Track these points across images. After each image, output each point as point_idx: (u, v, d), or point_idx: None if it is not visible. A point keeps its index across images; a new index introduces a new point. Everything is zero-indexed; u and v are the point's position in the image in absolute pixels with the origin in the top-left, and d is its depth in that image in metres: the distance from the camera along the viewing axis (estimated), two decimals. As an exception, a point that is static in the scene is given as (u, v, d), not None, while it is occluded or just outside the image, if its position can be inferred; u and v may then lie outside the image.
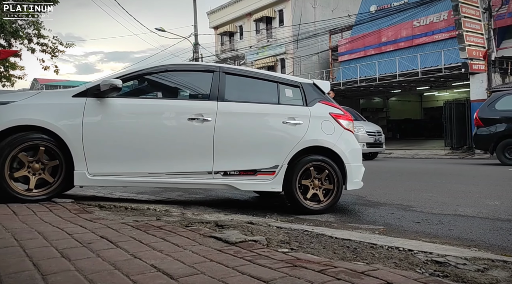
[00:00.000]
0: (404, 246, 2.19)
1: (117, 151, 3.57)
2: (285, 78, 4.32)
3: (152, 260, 1.73)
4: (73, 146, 3.39)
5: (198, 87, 4.09)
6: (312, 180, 3.95)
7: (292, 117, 3.97)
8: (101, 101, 3.53)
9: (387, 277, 1.49)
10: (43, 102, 3.47)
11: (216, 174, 3.72)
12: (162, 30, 22.62)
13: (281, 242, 2.25)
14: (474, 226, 3.33)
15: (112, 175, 3.56)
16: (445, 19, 21.60)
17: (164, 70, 3.92)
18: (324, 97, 4.28)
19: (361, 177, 4.23)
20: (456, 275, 1.64)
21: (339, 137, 4.05)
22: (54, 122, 3.35)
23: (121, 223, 2.57)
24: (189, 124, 3.68)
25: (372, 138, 12.87)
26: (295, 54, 29.02)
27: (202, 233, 2.32)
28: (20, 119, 3.31)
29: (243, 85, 4.11)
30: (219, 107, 3.77)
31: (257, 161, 3.83)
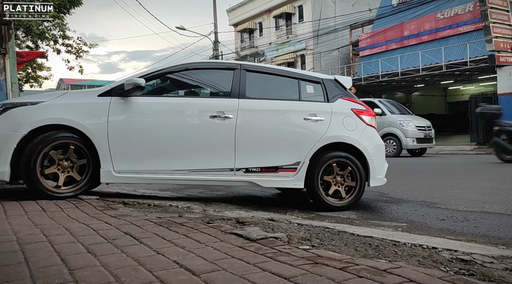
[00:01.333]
0: (428, 244, 2.15)
1: (141, 148, 3.64)
2: (306, 74, 4.31)
3: (174, 256, 1.75)
4: (99, 143, 3.48)
5: (219, 85, 4.12)
6: (335, 177, 3.93)
7: (314, 114, 3.95)
8: (125, 100, 3.61)
9: (410, 275, 1.47)
10: (71, 102, 3.58)
11: (238, 171, 3.75)
12: (182, 28, 22.82)
13: (302, 239, 2.24)
14: (501, 223, 3.24)
15: (137, 172, 3.63)
16: (470, 11, 20.97)
17: (186, 69, 3.96)
18: (346, 93, 4.25)
19: (385, 173, 4.19)
20: (482, 273, 1.60)
21: (361, 133, 4.01)
22: (81, 121, 3.46)
23: (144, 220, 2.62)
24: (211, 122, 3.72)
25: (422, 133, 12.30)
26: (315, 50, 28.78)
27: (223, 230, 2.34)
28: (50, 118, 3.43)
29: (264, 82, 4.13)
30: (240, 105, 3.79)
31: (279, 157, 3.83)
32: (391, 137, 12.19)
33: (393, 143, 12.23)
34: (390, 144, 12.21)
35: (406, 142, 11.98)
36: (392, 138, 12.19)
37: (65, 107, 3.51)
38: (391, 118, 12.31)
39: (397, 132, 12.07)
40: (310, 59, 29.71)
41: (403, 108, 13.72)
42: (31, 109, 3.47)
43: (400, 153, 12.23)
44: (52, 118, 3.44)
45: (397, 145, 12.11)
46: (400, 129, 12.06)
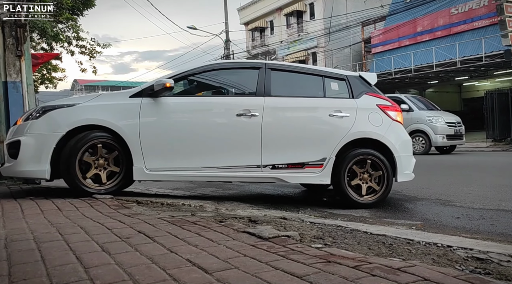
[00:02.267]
0: (443, 242, 2.12)
1: (171, 146, 3.77)
2: (330, 71, 4.35)
3: (187, 254, 1.77)
4: (131, 142, 3.63)
5: (245, 84, 4.19)
6: (361, 173, 3.95)
7: (339, 110, 3.99)
8: (155, 101, 3.75)
9: (424, 273, 1.45)
10: (104, 103, 3.76)
11: (264, 167, 3.83)
12: (193, 28, 22.92)
13: (315, 238, 2.24)
14: (518, 222, 3.17)
15: (167, 170, 3.75)
16: (485, 5, 20.55)
17: (212, 69, 4.08)
18: (371, 89, 4.28)
19: (412, 168, 4.20)
20: (499, 272, 1.58)
21: (387, 129, 4.03)
22: (114, 122, 3.62)
23: (157, 218, 2.65)
24: (237, 120, 3.81)
25: (452, 129, 11.73)
26: (327, 47, 28.60)
27: (235, 228, 2.35)
28: (85, 119, 3.61)
29: (288, 80, 4.19)
30: (266, 103, 3.87)
31: (305, 154, 3.88)
32: (419, 134, 11.62)
33: (421, 140, 11.66)
34: (418, 141, 11.65)
35: (436, 139, 11.43)
36: (420, 135, 11.62)
37: (99, 109, 3.69)
38: (419, 115, 11.73)
39: (426, 129, 11.48)
40: (322, 57, 29.53)
41: (430, 104, 13.07)
42: (68, 111, 3.66)
43: (429, 151, 11.69)
44: (87, 119, 3.61)
45: (425, 142, 11.54)
46: (429, 125, 11.49)
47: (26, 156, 3.55)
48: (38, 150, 3.54)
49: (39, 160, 3.52)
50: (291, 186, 5.54)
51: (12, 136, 3.76)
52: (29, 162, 3.54)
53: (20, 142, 3.57)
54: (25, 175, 3.73)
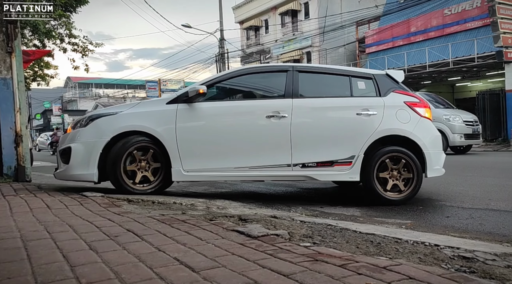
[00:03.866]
0: (430, 241, 2.13)
1: (206, 149, 3.98)
2: (357, 71, 4.45)
3: (175, 253, 1.77)
4: (169, 146, 3.87)
5: (273, 86, 4.32)
6: (390, 170, 4.01)
7: (366, 109, 4.06)
8: (190, 106, 3.97)
9: (410, 272, 1.46)
10: (144, 110, 4.03)
11: (295, 166, 3.96)
12: (188, 26, 22.85)
13: (304, 236, 2.24)
14: (506, 221, 3.21)
15: (203, 171, 3.96)
16: (478, 6, 20.70)
17: (242, 74, 4.28)
18: (398, 86, 4.33)
19: (442, 163, 4.24)
20: (483, 271, 1.59)
21: (415, 125, 4.07)
22: (153, 127, 3.88)
23: (147, 217, 2.64)
24: (268, 121, 3.98)
25: (470, 128, 11.21)
26: (321, 46, 28.65)
27: (225, 227, 2.35)
28: (127, 126, 3.90)
29: (316, 81, 4.32)
30: (294, 104, 4.01)
31: (333, 152, 3.99)
32: None
33: None
34: None
35: (454, 138, 10.90)
36: None
37: (139, 116, 3.97)
38: (435, 113, 11.03)
39: (443, 128, 10.75)
40: (316, 56, 29.58)
41: (445, 101, 12.51)
42: (112, 119, 3.96)
43: (445, 150, 11.11)
44: (129, 125, 3.90)
45: (442, 142, 11.32)
46: (447, 124, 10.93)
47: (77, 161, 3.87)
48: (86, 155, 3.85)
49: (87, 165, 3.83)
50: (283, 185, 5.55)
51: (64, 143, 4.08)
52: (79, 167, 3.86)
53: (71, 148, 3.91)
54: (76, 178, 3.99)
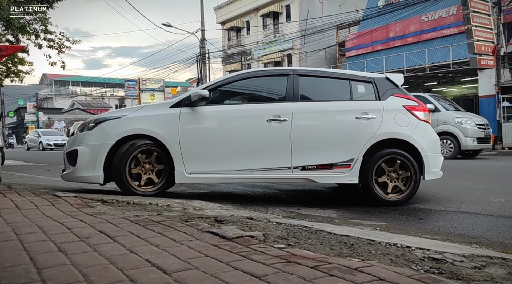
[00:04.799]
0: (403, 243, 2.17)
1: (208, 152, 4.04)
2: (357, 74, 4.49)
3: (147, 254, 1.74)
4: (172, 149, 3.94)
5: (274, 90, 4.36)
6: (389, 172, 4.08)
7: (365, 112, 4.13)
8: (192, 110, 4.04)
9: (380, 273, 1.48)
10: (147, 114, 4.10)
11: (295, 169, 4.02)
12: (169, 25, 22.64)
13: (279, 238, 2.25)
14: (477, 223, 3.30)
15: (206, 173, 4.03)
16: (454, 14, 21.30)
17: (243, 78, 4.33)
18: (398, 90, 4.40)
19: (440, 166, 4.33)
20: (451, 272, 1.63)
21: (414, 129, 4.15)
22: (157, 131, 3.96)
23: (121, 218, 2.59)
24: (268, 125, 4.03)
25: (482, 132, 10.75)
26: (302, 49, 28.88)
27: (200, 228, 2.33)
28: (132, 129, 3.97)
29: (316, 85, 4.36)
30: (295, 108, 4.08)
31: (333, 155, 4.05)
32: (447, 136, 10.51)
33: (449, 143, 10.57)
34: (445, 144, 10.58)
35: (466, 142, 10.38)
36: (448, 138, 10.52)
37: (143, 119, 4.03)
38: (446, 115, 10.64)
39: (455, 131, 10.42)
40: (297, 59, 29.79)
41: (452, 104, 12.05)
42: (116, 122, 4.03)
43: (457, 155, 10.67)
44: (134, 129, 3.97)
45: (454, 145, 10.51)
46: (459, 127, 10.43)
47: (83, 163, 3.97)
48: (92, 157, 3.94)
49: (93, 167, 3.92)
50: (261, 186, 5.56)
51: (70, 146, 4.17)
52: (86, 169, 3.96)
53: (78, 151, 4.01)
54: (82, 180, 4.08)
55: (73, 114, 46.03)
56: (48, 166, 10.02)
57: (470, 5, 15.53)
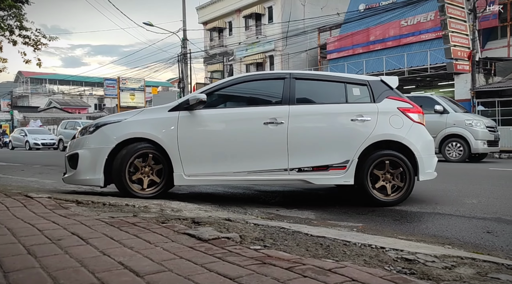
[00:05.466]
0: (377, 244, 2.20)
1: (206, 154, 4.11)
2: (352, 77, 4.55)
3: (121, 257, 1.71)
4: (171, 152, 4.01)
5: (271, 93, 4.42)
6: (384, 173, 4.15)
7: (360, 115, 4.20)
8: (191, 113, 4.11)
9: (353, 274, 1.50)
10: (147, 118, 4.17)
11: (291, 171, 4.09)
12: (150, 24, 22.40)
13: (256, 239, 2.24)
14: (450, 224, 3.37)
15: (204, 175, 4.08)
16: (432, 19, 21.82)
17: (241, 81, 4.38)
18: (393, 92, 4.46)
19: (434, 167, 4.42)
20: (422, 272, 1.66)
21: (408, 131, 4.23)
22: (156, 134, 4.02)
23: (95, 219, 2.54)
24: (265, 127, 4.10)
25: (492, 135, 10.48)
26: (284, 51, 29.02)
27: (176, 230, 2.30)
28: (132, 133, 4.04)
29: (312, 88, 4.44)
30: (291, 111, 4.14)
31: (329, 157, 4.12)
32: (456, 139, 10.17)
33: (458, 146, 10.19)
34: (454, 147, 10.24)
35: (476, 145, 10.03)
36: (457, 140, 10.16)
37: (142, 123, 4.11)
38: (455, 117, 10.27)
39: (465, 134, 10.06)
40: (279, 61, 29.93)
41: (459, 105, 11.70)
42: (117, 126, 4.09)
43: (467, 158, 10.30)
44: (133, 132, 4.04)
45: (463, 148, 10.11)
46: (469, 130, 10.08)
47: (84, 166, 4.03)
48: (93, 161, 4.01)
49: (94, 170, 3.98)
50: (241, 187, 5.55)
51: (71, 149, 4.22)
52: (86, 172, 4.03)
53: (79, 154, 4.07)
54: (83, 183, 4.15)
55: (50, 113, 44.94)
56: (23, 166, 9.76)
57: (447, 11, 15.93)
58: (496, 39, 21.61)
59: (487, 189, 5.39)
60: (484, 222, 3.41)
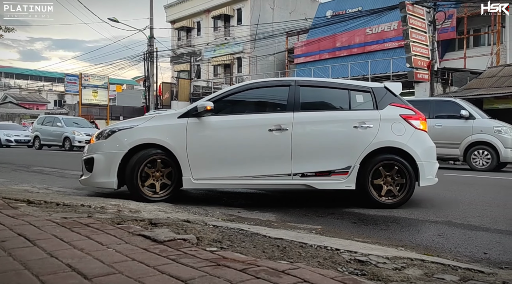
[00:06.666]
0: (333, 246, 2.24)
1: (213, 159, 4.24)
2: (356, 84, 4.62)
3: (69, 259, 1.64)
4: (180, 157, 4.16)
5: (276, 100, 4.56)
6: (384, 177, 4.27)
7: (363, 122, 4.30)
8: (199, 120, 4.26)
9: (306, 275, 1.51)
10: (157, 124, 4.33)
11: (295, 176, 4.20)
12: (115, 20, 21.83)
13: (213, 241, 2.22)
14: (405, 227, 3.49)
15: (211, 179, 4.23)
16: (395, 29, 22.63)
17: (247, 89, 4.51)
18: (396, 99, 4.55)
19: (435, 173, 4.53)
20: (373, 273, 1.70)
21: (410, 138, 4.32)
22: (166, 140, 4.18)
23: (46, 220, 2.43)
24: (270, 134, 4.22)
25: None
26: (252, 53, 29.14)
27: (131, 231, 2.25)
28: (143, 139, 4.21)
29: (316, 95, 4.57)
30: (295, 117, 4.26)
31: (331, 163, 4.22)
32: (483, 146, 9.54)
33: (486, 154, 9.56)
34: (482, 155, 9.62)
35: (506, 154, 9.37)
36: (485, 148, 9.53)
37: (153, 129, 4.27)
38: (482, 123, 9.65)
39: (494, 141, 9.41)
40: (247, 63, 30.00)
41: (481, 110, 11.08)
42: (129, 132, 4.27)
43: (495, 167, 9.60)
44: (145, 138, 4.21)
45: (492, 157, 9.49)
46: (498, 137, 9.42)
47: (99, 170, 4.22)
48: (107, 165, 4.19)
49: (108, 173, 4.17)
50: (203, 189, 5.50)
51: (87, 153, 4.40)
52: (101, 175, 4.21)
53: (94, 158, 4.25)
54: (98, 185, 4.36)
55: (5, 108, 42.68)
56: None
57: (409, 22, 16.56)
58: (454, 51, 22.71)
59: (440, 193, 5.62)
60: (436, 225, 3.56)
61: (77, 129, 17.37)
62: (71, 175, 7.03)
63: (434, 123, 9.80)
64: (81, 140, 16.63)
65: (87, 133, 16.74)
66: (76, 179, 6.37)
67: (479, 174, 8.83)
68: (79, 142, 16.65)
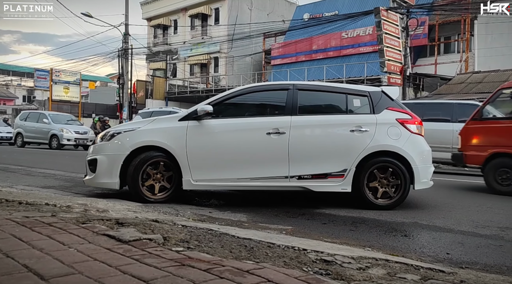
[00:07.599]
0: (300, 246, 2.25)
1: (212, 161, 4.32)
2: (353, 88, 4.68)
3: (26, 259, 1.58)
4: (180, 159, 4.24)
5: (274, 104, 4.65)
6: (380, 179, 4.34)
7: (359, 126, 4.36)
8: (199, 123, 4.34)
9: (270, 275, 1.51)
10: (158, 127, 4.42)
11: (292, 178, 4.27)
12: (89, 15, 21.31)
13: (180, 241, 2.20)
14: (373, 228, 3.55)
15: (210, 181, 4.31)
16: (370, 34, 23.09)
17: (246, 92, 4.60)
18: (393, 103, 4.59)
19: (430, 177, 4.59)
20: (337, 273, 1.72)
21: (405, 142, 4.39)
22: (166, 142, 4.27)
23: (5, 219, 2.34)
24: (267, 137, 4.29)
25: None
26: (229, 54, 29.08)
27: (96, 231, 2.19)
28: (144, 141, 4.30)
29: (314, 99, 4.63)
30: (293, 121, 4.34)
31: (327, 166, 4.30)
32: None
33: None
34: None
35: None
36: None
37: (154, 132, 4.36)
38: None
39: None
40: (224, 63, 29.91)
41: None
42: (131, 134, 4.37)
43: None
44: (146, 141, 4.30)
45: None
46: None
47: (102, 171, 4.32)
48: (109, 166, 4.29)
49: (111, 174, 4.27)
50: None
51: (91, 154, 4.50)
52: (104, 176, 4.32)
53: (97, 159, 4.36)
54: (101, 185, 4.47)
55: (-29, 102, 40.94)
56: None
57: (383, 27, 16.93)
58: (426, 57, 23.39)
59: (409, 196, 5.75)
60: (402, 226, 3.64)
61: (65, 126, 16.01)
62: (38, 173, 6.81)
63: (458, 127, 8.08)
64: (70, 139, 15.54)
65: (76, 131, 15.83)
66: (43, 177, 6.18)
67: (448, 177, 9.08)
68: (67, 140, 15.51)
